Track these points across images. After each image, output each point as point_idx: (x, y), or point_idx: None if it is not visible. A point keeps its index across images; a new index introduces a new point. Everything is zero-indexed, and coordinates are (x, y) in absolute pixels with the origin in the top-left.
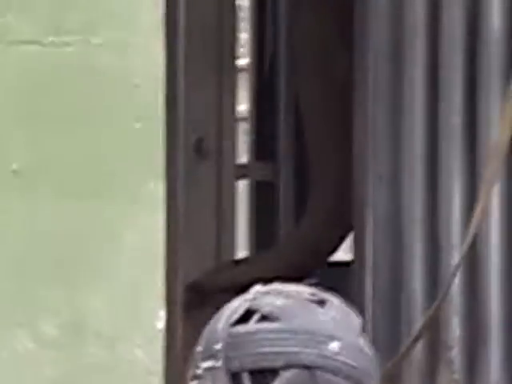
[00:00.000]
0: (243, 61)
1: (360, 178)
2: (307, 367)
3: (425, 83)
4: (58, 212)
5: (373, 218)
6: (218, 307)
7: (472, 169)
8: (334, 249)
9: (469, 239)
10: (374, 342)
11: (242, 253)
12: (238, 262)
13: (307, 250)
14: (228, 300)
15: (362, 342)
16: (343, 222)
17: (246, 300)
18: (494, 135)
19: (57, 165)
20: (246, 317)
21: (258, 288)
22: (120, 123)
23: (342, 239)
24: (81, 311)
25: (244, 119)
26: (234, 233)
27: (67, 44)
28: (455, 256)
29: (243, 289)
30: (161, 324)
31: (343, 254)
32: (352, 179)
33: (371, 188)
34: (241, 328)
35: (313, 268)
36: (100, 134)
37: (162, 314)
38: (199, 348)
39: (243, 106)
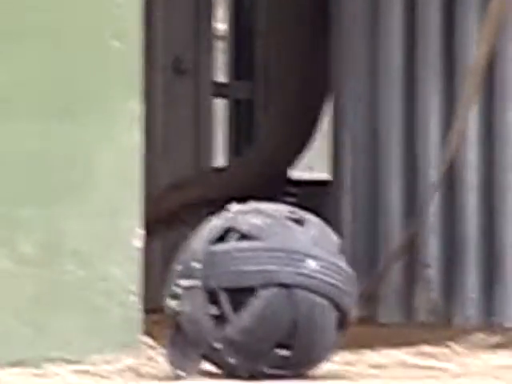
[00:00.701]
0: None
1: (338, 99)
2: (285, 285)
3: (403, 6)
4: (35, 131)
5: (351, 138)
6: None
7: (449, 90)
8: (292, 161)
9: (446, 159)
10: (353, 261)
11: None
12: (181, 184)
13: (263, 164)
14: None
15: (341, 261)
16: (301, 134)
17: (224, 219)
18: (470, 58)
19: (34, 84)
20: (225, 236)
21: (236, 207)
22: (99, 42)
23: (299, 152)
24: (58, 230)
25: (222, 38)
26: (212, 151)
27: None
28: (433, 176)
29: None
30: (138, 242)
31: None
32: (313, 90)
33: (349, 109)
34: (219, 247)
35: (270, 184)
36: (79, 52)
37: (140, 232)
38: (178, 266)
39: (221, 25)
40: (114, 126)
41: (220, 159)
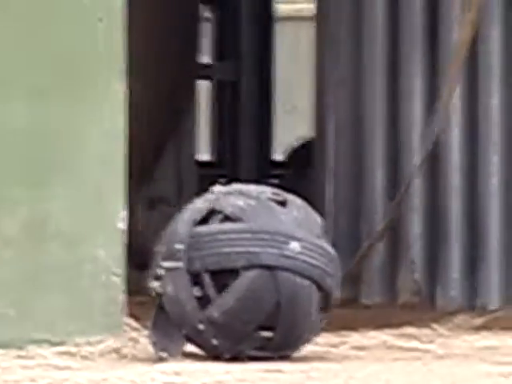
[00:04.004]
0: None
1: (321, 83)
2: (268, 267)
3: None
4: (22, 112)
5: (334, 121)
6: None
7: (433, 71)
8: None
9: (429, 140)
10: (336, 243)
11: (203, 151)
12: None
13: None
14: None
15: (324, 243)
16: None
17: (207, 200)
18: (454, 37)
19: (23, 66)
20: (208, 217)
21: (219, 188)
22: (84, 24)
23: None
24: (42, 211)
25: (207, 20)
26: (195, 131)
27: None
28: (416, 156)
29: None
30: (122, 224)
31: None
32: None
33: (332, 92)
34: (202, 228)
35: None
36: (65, 35)
37: (124, 214)
38: (161, 248)
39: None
40: (99, 108)
41: (203, 143)
